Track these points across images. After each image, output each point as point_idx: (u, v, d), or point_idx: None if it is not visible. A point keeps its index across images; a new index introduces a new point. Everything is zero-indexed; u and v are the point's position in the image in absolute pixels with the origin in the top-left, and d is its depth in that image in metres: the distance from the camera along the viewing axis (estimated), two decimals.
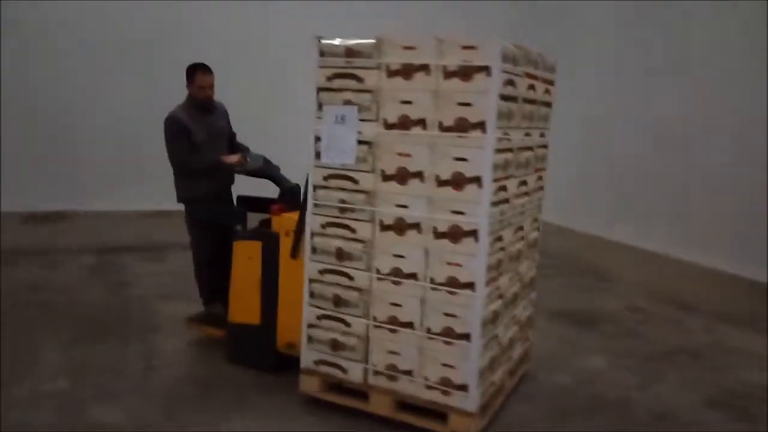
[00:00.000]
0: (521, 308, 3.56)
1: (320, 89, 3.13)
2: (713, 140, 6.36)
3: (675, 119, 6.73)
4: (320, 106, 3.14)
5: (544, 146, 3.59)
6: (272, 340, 3.68)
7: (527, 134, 3.25)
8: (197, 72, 3.92)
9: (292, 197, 3.83)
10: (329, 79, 3.11)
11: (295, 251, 3.53)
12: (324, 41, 3.10)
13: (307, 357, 3.34)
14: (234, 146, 4.18)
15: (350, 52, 3.04)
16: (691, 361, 4.25)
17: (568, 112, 5.93)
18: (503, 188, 3.01)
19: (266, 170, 3.93)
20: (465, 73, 2.81)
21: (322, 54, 3.11)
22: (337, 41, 3.07)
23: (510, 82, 2.89)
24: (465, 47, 2.80)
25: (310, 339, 3.32)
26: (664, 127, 6.86)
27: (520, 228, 3.37)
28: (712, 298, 5.56)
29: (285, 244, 3.59)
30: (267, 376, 3.69)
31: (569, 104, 5.97)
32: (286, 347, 3.65)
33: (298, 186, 3.86)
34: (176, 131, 3.85)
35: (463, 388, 2.98)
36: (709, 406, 3.61)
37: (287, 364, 3.60)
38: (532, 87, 3.21)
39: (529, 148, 3.33)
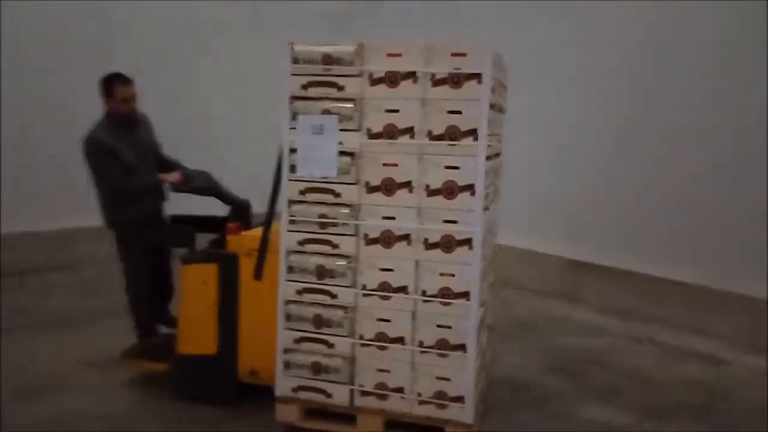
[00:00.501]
0: (489, 314, 3.59)
1: (294, 98, 2.96)
2: None
3: None
4: (294, 115, 2.96)
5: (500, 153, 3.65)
6: (232, 369, 3.41)
7: (498, 141, 3.29)
8: (117, 84, 3.55)
9: (242, 214, 3.59)
10: (304, 87, 2.94)
11: (259, 272, 3.29)
12: (298, 47, 2.93)
13: (284, 384, 3.12)
14: (163, 160, 3.83)
15: (328, 59, 2.90)
16: (526, 332, 4.74)
17: None
18: (487, 195, 3.01)
19: (212, 187, 3.64)
20: (455, 80, 2.78)
21: (295, 61, 2.93)
22: (313, 47, 2.92)
23: (493, 89, 2.91)
24: (454, 54, 2.77)
25: (287, 365, 3.11)
26: None
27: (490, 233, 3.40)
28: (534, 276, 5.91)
29: (245, 265, 3.34)
30: (227, 409, 3.37)
31: None
32: (249, 375, 3.39)
33: (248, 201, 3.63)
34: (103, 154, 3.48)
35: (459, 399, 2.93)
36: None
37: (248, 393, 3.37)
38: (500, 93, 3.25)
39: (498, 155, 3.37)
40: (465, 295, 2.87)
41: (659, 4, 4.94)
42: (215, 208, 3.77)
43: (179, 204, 3.84)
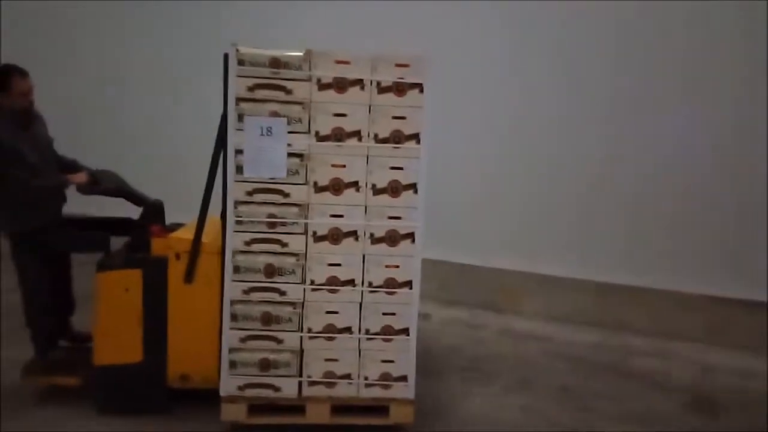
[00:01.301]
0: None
1: (240, 99, 2.99)
2: None
3: None
4: (240, 117, 2.99)
5: None
6: (161, 376, 3.33)
7: None
8: (13, 77, 3.24)
9: (155, 215, 3.49)
10: (251, 89, 2.99)
11: (191, 275, 3.26)
12: (243, 49, 2.97)
13: (229, 383, 3.16)
14: (58, 159, 3.56)
15: (276, 63, 2.98)
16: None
17: None
18: None
19: (121, 188, 3.47)
20: (399, 88, 3.04)
21: (241, 62, 2.96)
22: (259, 50, 2.97)
23: None
24: (399, 65, 3.03)
25: (232, 364, 3.14)
26: None
27: None
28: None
29: (174, 268, 3.27)
30: (158, 417, 3.30)
31: None
32: (179, 380, 3.35)
33: (161, 202, 3.53)
34: (6, 157, 3.15)
35: (403, 379, 3.23)
36: None
37: (177, 399, 3.35)
38: None
39: None
40: (408, 284, 3.17)
41: None
42: (114, 209, 3.60)
43: (74, 206, 3.58)
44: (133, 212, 3.58)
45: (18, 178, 3.14)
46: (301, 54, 2.98)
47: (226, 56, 3.09)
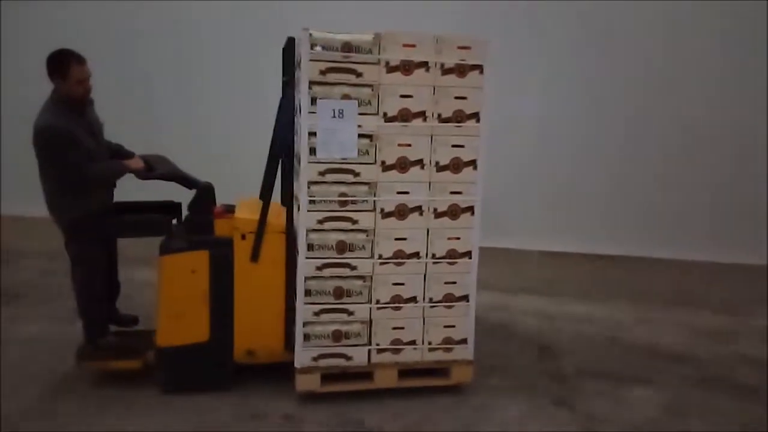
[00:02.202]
0: None
1: (313, 83, 3.08)
2: None
3: None
4: (313, 100, 3.09)
5: None
6: (227, 353, 3.43)
7: None
8: (71, 63, 3.18)
9: (207, 197, 3.54)
10: (323, 72, 3.09)
11: (257, 253, 3.37)
12: (316, 34, 3.05)
13: (304, 355, 3.31)
14: (107, 144, 3.54)
15: (348, 47, 3.08)
16: None
17: None
18: None
19: (174, 172, 3.50)
20: (461, 70, 3.22)
21: (313, 46, 3.05)
22: (332, 34, 3.07)
23: None
24: (460, 47, 3.20)
25: (306, 337, 3.29)
26: None
27: None
28: None
29: (240, 248, 3.37)
30: (225, 394, 3.41)
31: None
32: (246, 356, 3.46)
33: (211, 184, 3.58)
34: (65, 143, 3.11)
35: (463, 341, 3.48)
36: None
37: (240, 374, 3.47)
38: None
39: None
40: (468, 254, 3.40)
41: None
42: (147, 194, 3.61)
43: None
44: (167, 195, 3.61)
45: (77, 166, 3.11)
46: (371, 38, 3.09)
47: (291, 40, 3.16)
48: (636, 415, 3.36)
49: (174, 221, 3.58)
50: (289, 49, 3.21)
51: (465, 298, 3.43)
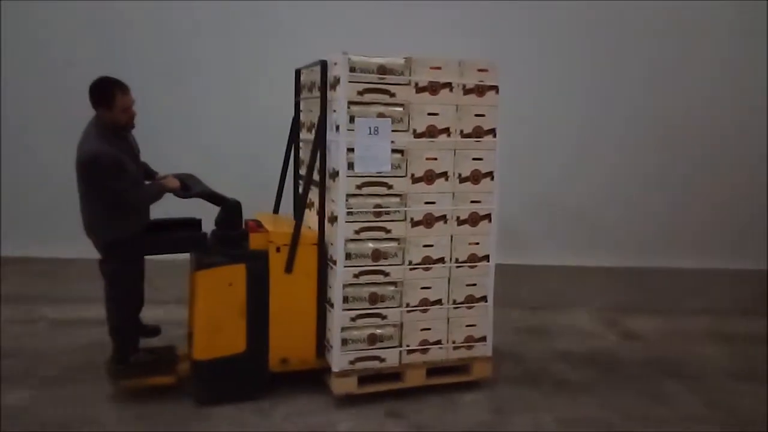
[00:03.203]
0: None
1: (351, 103, 3.32)
2: None
3: None
4: (351, 118, 3.33)
5: None
6: (263, 362, 3.56)
7: None
8: (117, 93, 3.26)
9: (236, 213, 3.66)
10: (360, 93, 3.33)
11: (291, 265, 3.54)
12: (354, 57, 3.29)
13: (342, 359, 3.49)
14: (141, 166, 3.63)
15: (383, 69, 3.34)
16: None
17: None
18: None
19: (207, 190, 3.61)
20: (480, 90, 3.55)
21: (352, 69, 3.29)
22: (368, 58, 3.32)
23: None
24: (480, 70, 3.53)
25: (344, 342, 3.49)
26: None
27: None
28: None
29: (275, 261, 3.53)
30: (261, 402, 3.52)
31: None
32: (280, 364, 3.61)
33: (238, 201, 3.71)
34: (114, 170, 3.19)
35: (482, 339, 3.78)
36: None
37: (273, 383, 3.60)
38: None
39: None
40: (486, 258, 3.71)
41: None
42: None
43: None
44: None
45: (125, 190, 3.20)
46: (402, 61, 3.37)
47: (324, 64, 3.39)
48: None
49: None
50: (324, 71, 3.42)
51: (484, 298, 3.73)
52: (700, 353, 4.56)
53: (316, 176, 3.54)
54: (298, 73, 4.05)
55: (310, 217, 3.67)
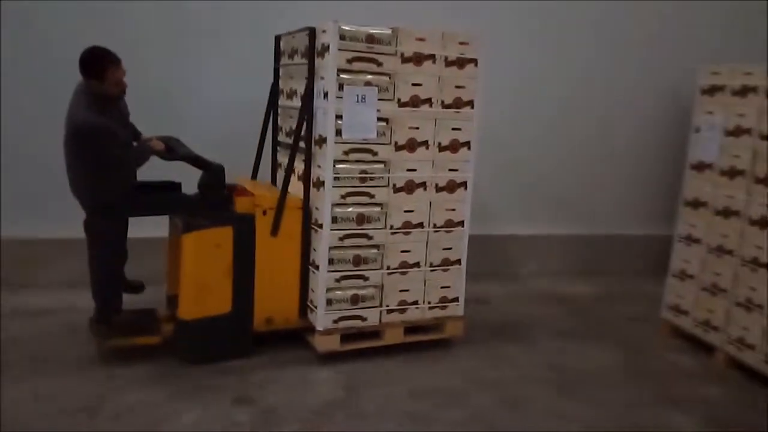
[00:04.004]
0: None
1: (341, 70, 3.42)
2: None
3: None
4: (341, 86, 3.43)
5: None
6: (248, 322, 3.68)
7: None
8: (109, 65, 3.25)
9: (218, 178, 3.71)
10: (349, 61, 3.43)
11: (276, 228, 3.65)
12: (344, 27, 3.38)
13: (326, 318, 3.65)
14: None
15: (371, 39, 3.45)
16: None
17: None
18: None
19: (191, 153, 3.64)
20: (460, 63, 3.71)
21: (342, 37, 3.39)
22: (358, 27, 3.42)
23: None
24: (461, 43, 3.69)
25: (329, 302, 3.64)
26: None
27: None
28: None
29: (261, 224, 3.62)
30: (246, 361, 3.62)
31: None
32: (264, 324, 3.73)
33: (222, 166, 3.77)
34: (106, 138, 3.22)
35: (455, 300, 4.01)
36: None
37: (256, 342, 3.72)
38: None
39: None
40: (461, 223, 3.92)
41: None
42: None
43: None
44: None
45: (115, 156, 3.23)
46: (390, 31, 3.48)
47: (312, 31, 3.46)
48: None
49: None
50: (312, 40, 3.49)
51: (458, 261, 3.95)
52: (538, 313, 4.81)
53: (299, 142, 3.63)
54: (278, 39, 4.09)
55: (291, 183, 3.76)
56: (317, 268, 3.62)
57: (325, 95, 3.45)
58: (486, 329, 4.36)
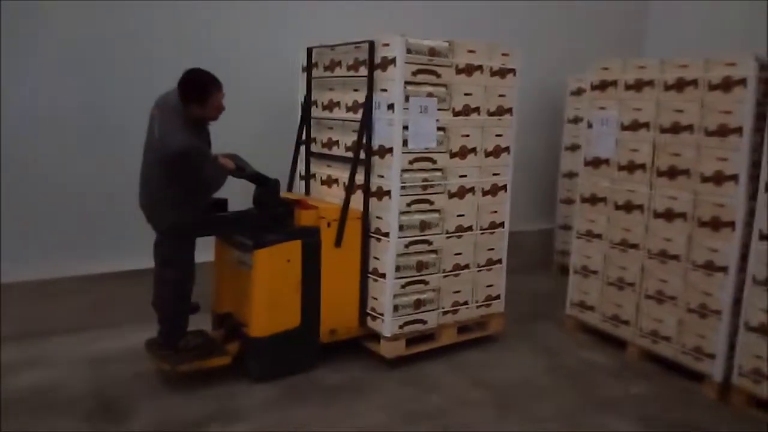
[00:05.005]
0: None
1: (407, 83, 3.54)
2: None
3: None
4: (407, 98, 3.56)
5: None
6: (315, 334, 3.70)
7: None
8: (213, 91, 3.19)
9: (276, 191, 3.71)
10: (414, 74, 3.56)
11: (341, 239, 3.70)
12: (411, 39, 3.51)
13: (392, 324, 3.74)
14: None
15: (432, 52, 3.60)
16: None
17: None
18: None
19: (254, 171, 3.61)
20: (502, 73, 3.94)
21: (408, 51, 3.51)
22: (421, 41, 3.56)
23: None
24: (503, 54, 3.92)
25: (395, 308, 3.74)
26: None
27: None
28: None
29: (326, 236, 3.66)
30: (314, 373, 3.64)
31: None
32: (329, 335, 3.77)
33: (278, 181, 3.75)
34: (202, 161, 3.21)
35: (497, 297, 4.23)
36: None
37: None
38: None
39: None
40: (502, 224, 4.15)
41: None
42: None
43: None
44: None
45: (208, 178, 3.23)
46: (447, 44, 3.64)
47: (372, 44, 3.56)
48: None
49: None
50: (370, 51, 3.57)
51: (500, 261, 4.17)
52: None
53: (338, 152, 3.81)
54: (309, 51, 4.11)
55: (328, 193, 3.90)
56: (382, 275, 3.70)
57: (389, 107, 3.54)
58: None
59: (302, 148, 4.21)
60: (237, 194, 3.67)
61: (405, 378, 3.66)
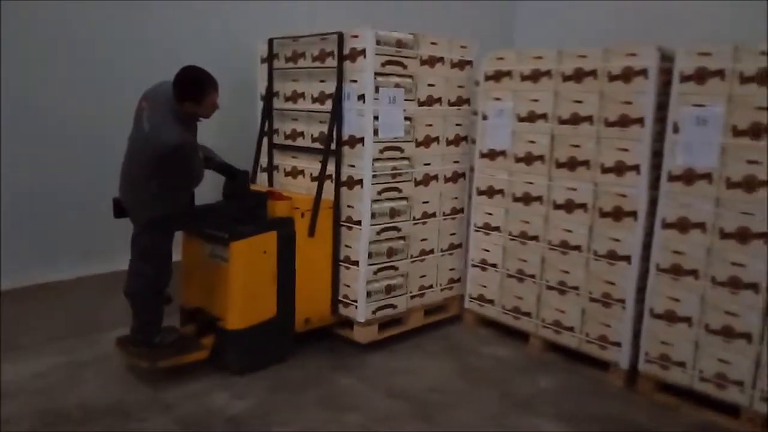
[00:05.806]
0: None
1: (377, 74, 3.64)
2: None
3: None
4: (377, 88, 3.66)
5: None
6: (291, 325, 3.73)
7: None
8: (210, 90, 3.14)
9: (242, 185, 3.71)
10: (383, 65, 3.66)
11: (314, 229, 3.76)
12: (380, 31, 3.60)
13: (366, 310, 3.83)
14: None
15: (400, 43, 3.70)
16: None
17: None
18: None
19: (223, 161, 3.60)
20: (461, 65, 4.12)
21: (378, 42, 3.61)
22: (389, 32, 3.66)
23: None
24: (461, 46, 4.10)
25: (368, 294, 3.84)
26: None
27: None
28: None
29: (299, 226, 3.71)
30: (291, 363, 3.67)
31: None
32: (304, 324, 3.82)
33: (247, 172, 3.76)
34: (194, 157, 3.21)
35: (458, 280, 4.41)
36: None
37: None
38: None
39: None
40: (462, 210, 4.33)
41: None
42: None
43: None
44: None
45: (198, 173, 3.22)
46: (412, 36, 3.76)
47: (341, 35, 3.61)
48: None
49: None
50: (339, 42, 3.63)
51: (460, 245, 4.35)
52: None
53: (304, 143, 3.87)
54: (270, 42, 4.11)
55: (293, 184, 3.95)
56: (354, 263, 3.78)
57: (360, 97, 3.62)
58: None
59: (264, 140, 4.19)
60: (204, 186, 3.60)
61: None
